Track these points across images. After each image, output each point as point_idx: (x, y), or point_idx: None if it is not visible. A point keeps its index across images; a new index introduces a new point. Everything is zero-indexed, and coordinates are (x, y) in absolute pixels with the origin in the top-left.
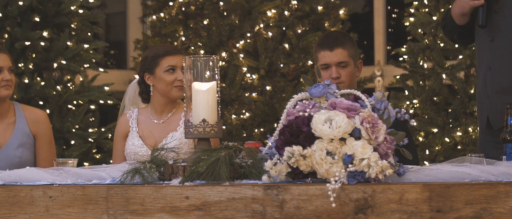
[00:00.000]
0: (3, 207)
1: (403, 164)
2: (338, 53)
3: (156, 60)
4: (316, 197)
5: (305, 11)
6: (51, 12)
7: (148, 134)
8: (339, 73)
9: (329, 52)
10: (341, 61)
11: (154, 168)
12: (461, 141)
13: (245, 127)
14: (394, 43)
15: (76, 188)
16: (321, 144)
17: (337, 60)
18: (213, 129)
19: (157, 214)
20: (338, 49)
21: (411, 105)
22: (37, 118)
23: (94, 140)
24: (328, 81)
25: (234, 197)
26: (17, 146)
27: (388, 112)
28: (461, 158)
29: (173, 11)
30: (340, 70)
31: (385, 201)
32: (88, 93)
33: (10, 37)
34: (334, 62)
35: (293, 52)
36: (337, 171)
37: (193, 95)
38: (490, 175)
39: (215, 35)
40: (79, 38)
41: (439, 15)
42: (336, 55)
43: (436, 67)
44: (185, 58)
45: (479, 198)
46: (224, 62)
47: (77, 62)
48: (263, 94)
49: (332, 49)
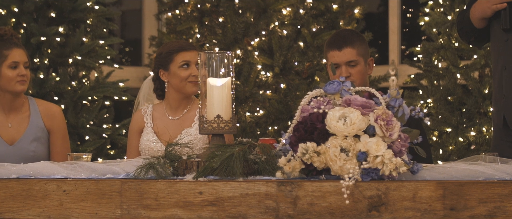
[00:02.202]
0: (17, 200)
1: (417, 162)
2: (347, 53)
3: (171, 56)
4: (329, 193)
5: (320, 9)
6: (67, 8)
7: (162, 129)
8: (349, 72)
9: (338, 52)
10: (350, 61)
11: (168, 163)
12: (475, 141)
13: (259, 125)
14: (409, 42)
15: (90, 182)
16: (335, 141)
17: (346, 60)
18: (227, 124)
19: (170, 209)
20: (347, 48)
21: (425, 105)
22: (52, 112)
23: (108, 136)
24: (342, 78)
25: (247, 193)
26: (31, 140)
27: (403, 109)
28: (475, 156)
29: (189, 8)
30: (349, 69)
31: (399, 198)
32: (103, 89)
33: (26, 33)
34: (343, 62)
35: (308, 50)
36: (351, 168)
37: (208, 91)
38: (504, 174)
39: (230, 33)
40: (95, 34)
41: (454, 15)
42: (345, 55)
43: (451, 67)
44: (200, 54)
45: (493, 196)
46: (239, 60)
47: (92, 58)
48: (277, 92)
49: (340, 48)
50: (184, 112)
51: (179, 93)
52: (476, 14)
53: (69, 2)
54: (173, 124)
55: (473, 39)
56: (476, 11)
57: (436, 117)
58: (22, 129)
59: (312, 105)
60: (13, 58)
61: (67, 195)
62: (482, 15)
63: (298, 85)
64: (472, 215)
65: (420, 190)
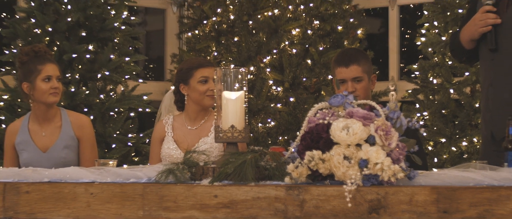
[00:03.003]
0: (48, 202)
1: (413, 169)
2: (353, 70)
3: (191, 72)
4: (333, 197)
5: (326, 30)
6: (96, 28)
7: (182, 138)
8: (354, 87)
9: (345, 69)
10: (356, 77)
11: (186, 169)
12: (466, 150)
13: (270, 135)
14: (407, 60)
15: (115, 186)
16: (339, 149)
17: (352, 76)
18: (241, 134)
19: (188, 211)
20: (353, 65)
21: (422, 117)
22: (81, 122)
23: (133, 144)
24: (346, 92)
25: (259, 196)
26: (62, 147)
27: (400, 121)
28: (467, 164)
29: (207, 28)
30: (355, 85)
31: (397, 202)
32: (128, 102)
33: (59, 50)
34: (349, 78)
35: (315, 67)
36: (353, 174)
37: (223, 103)
38: (493, 180)
39: (244, 51)
40: (121, 52)
41: (447, 35)
42: (352, 71)
43: (445, 83)
44: (216, 70)
45: (482, 200)
46: (252, 76)
47: (119, 74)
48: (287, 105)
49: (347, 65)
50: (201, 122)
51: (197, 106)
52: (465, 37)
53: (98, 22)
54: (191, 133)
55: (465, 59)
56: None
57: (431, 129)
58: (54, 137)
59: (318, 116)
60: (46, 73)
61: (94, 197)
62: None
63: (306, 99)
64: (463, 217)
65: (416, 194)
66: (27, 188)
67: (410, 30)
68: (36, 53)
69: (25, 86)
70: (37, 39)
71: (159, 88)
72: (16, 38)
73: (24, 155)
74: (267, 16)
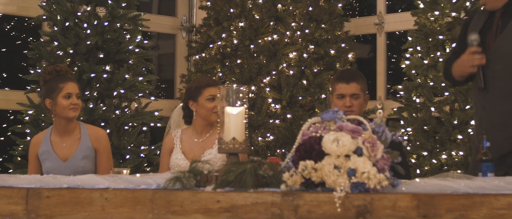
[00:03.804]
0: (67, 206)
1: (397, 177)
2: (352, 86)
3: (199, 90)
4: (324, 203)
5: (320, 54)
6: (113, 50)
7: (189, 150)
8: (351, 103)
9: (345, 85)
10: (354, 93)
11: (192, 176)
12: (446, 163)
13: (269, 148)
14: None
15: (127, 192)
16: (330, 159)
17: (351, 92)
18: (241, 145)
19: (193, 214)
20: (353, 83)
21: (406, 133)
22: (99, 135)
23: (145, 155)
24: (336, 108)
25: (257, 201)
26: (81, 158)
27: (385, 134)
28: (445, 173)
29: (213, 51)
30: (352, 101)
31: (381, 207)
32: (141, 117)
33: (79, 70)
34: (348, 93)
35: (310, 87)
36: (342, 182)
37: (226, 117)
38: (468, 188)
39: (246, 72)
40: (135, 72)
41: (429, 59)
42: (351, 88)
43: (427, 102)
44: (220, 88)
45: (458, 206)
46: (253, 94)
47: (133, 92)
48: (285, 121)
49: (348, 82)
50: (207, 136)
51: (204, 121)
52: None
53: (115, 45)
54: (197, 145)
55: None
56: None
57: (414, 143)
58: (74, 148)
59: (311, 130)
60: (67, 90)
61: (108, 202)
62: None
63: (301, 115)
64: None
65: (399, 200)
66: (48, 193)
67: (396, 55)
68: (58, 72)
69: (47, 102)
70: (60, 60)
71: (169, 106)
72: (40, 59)
73: (47, 164)
74: (267, 41)
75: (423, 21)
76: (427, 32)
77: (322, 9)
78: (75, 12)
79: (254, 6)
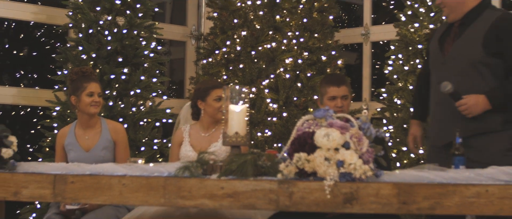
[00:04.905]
0: (89, 190)
1: (380, 169)
2: (342, 89)
3: (208, 91)
4: (316, 190)
5: (313, 60)
6: (130, 55)
7: (196, 143)
8: (342, 103)
9: (337, 88)
10: (344, 95)
11: (199, 166)
12: (423, 157)
13: (268, 142)
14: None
15: (142, 179)
16: (321, 152)
17: (342, 94)
18: (243, 139)
19: (200, 199)
20: (343, 86)
21: (388, 130)
22: (117, 129)
23: (158, 148)
24: (327, 107)
25: (256, 188)
26: (102, 148)
27: (370, 130)
28: (421, 166)
29: (218, 57)
30: (342, 101)
31: (366, 195)
32: (155, 114)
33: (100, 72)
34: (339, 95)
35: (304, 89)
36: (331, 172)
37: (229, 114)
38: (442, 178)
39: (248, 75)
40: (150, 74)
41: (409, 66)
42: (341, 90)
43: (406, 103)
44: (224, 88)
45: (433, 194)
46: (254, 95)
47: (148, 92)
48: (281, 119)
49: (339, 86)
50: (213, 131)
51: (211, 118)
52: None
53: (132, 50)
54: (204, 139)
55: None
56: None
57: (395, 139)
58: (95, 140)
59: (305, 126)
60: (90, 89)
61: (125, 187)
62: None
63: (296, 114)
64: (418, 208)
65: (382, 189)
66: (72, 179)
67: (380, 62)
68: (84, 73)
69: (73, 99)
70: (83, 63)
71: (179, 104)
72: (66, 62)
73: (71, 154)
74: (266, 48)
75: (404, 32)
76: (407, 42)
77: (315, 20)
78: (97, 21)
79: (255, 17)
